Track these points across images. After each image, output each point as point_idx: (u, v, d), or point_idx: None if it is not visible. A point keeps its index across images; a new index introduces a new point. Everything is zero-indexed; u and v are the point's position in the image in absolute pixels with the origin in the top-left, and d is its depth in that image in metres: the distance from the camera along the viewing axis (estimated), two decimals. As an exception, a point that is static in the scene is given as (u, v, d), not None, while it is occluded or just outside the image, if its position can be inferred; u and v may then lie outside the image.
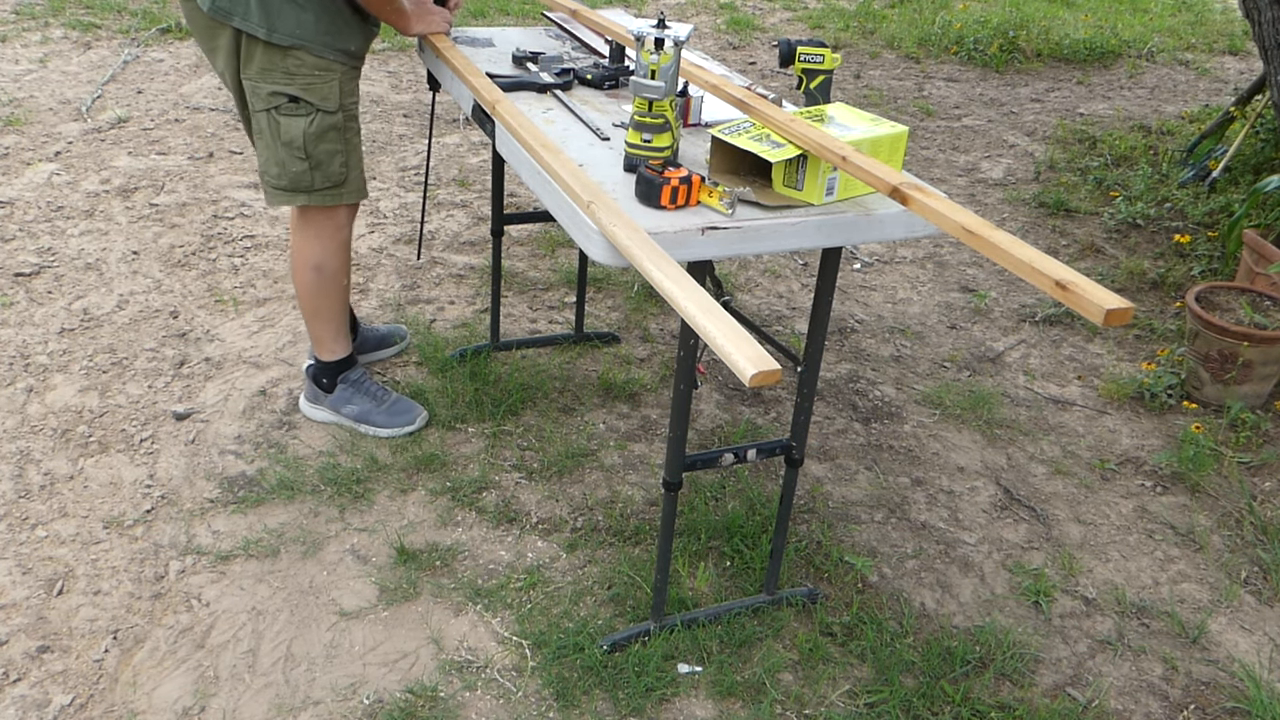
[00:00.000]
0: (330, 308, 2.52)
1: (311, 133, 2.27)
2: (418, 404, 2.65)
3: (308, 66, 2.23)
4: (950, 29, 6.74)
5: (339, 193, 2.37)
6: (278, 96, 2.24)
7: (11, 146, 4.17)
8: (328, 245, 2.44)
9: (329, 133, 2.29)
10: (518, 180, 4.14)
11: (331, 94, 2.27)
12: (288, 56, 2.20)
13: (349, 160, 2.36)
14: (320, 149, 2.30)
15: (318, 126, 2.28)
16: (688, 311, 1.32)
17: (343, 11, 2.23)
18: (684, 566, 2.26)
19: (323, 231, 2.43)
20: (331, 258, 2.45)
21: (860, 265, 3.78)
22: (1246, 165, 4.35)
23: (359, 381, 2.62)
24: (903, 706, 1.96)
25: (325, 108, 2.27)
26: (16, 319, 3.03)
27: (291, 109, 2.25)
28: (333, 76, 2.26)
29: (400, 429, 2.60)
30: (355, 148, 2.38)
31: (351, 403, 2.61)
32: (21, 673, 1.92)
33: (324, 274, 2.46)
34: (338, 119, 2.29)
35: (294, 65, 2.22)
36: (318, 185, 2.34)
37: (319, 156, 2.31)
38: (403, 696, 1.92)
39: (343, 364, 2.61)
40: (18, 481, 2.40)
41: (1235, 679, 2.09)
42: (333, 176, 2.34)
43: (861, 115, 1.84)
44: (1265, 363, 2.88)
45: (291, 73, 2.22)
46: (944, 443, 2.78)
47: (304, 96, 2.24)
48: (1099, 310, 1.23)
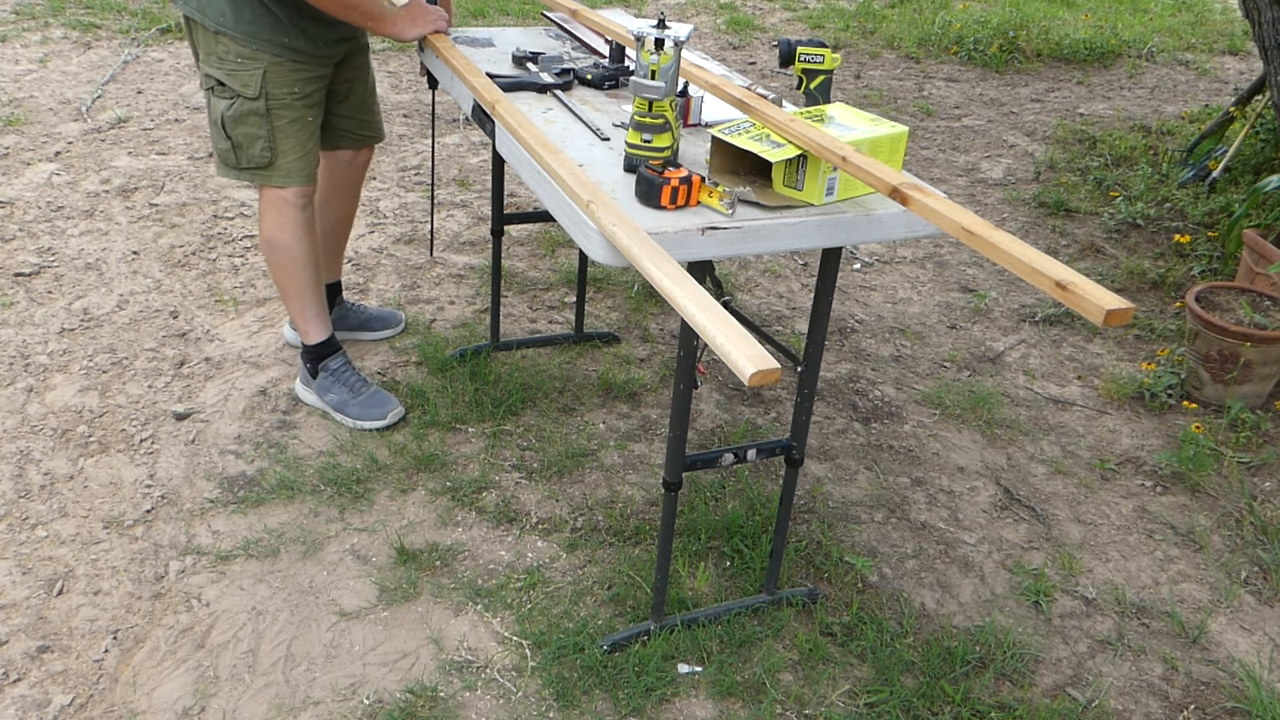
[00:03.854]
0: (293, 287, 2.56)
1: (230, 115, 2.33)
2: (394, 399, 2.66)
3: (232, 54, 2.29)
4: (950, 29, 6.74)
5: (266, 174, 2.42)
6: (209, 79, 2.33)
7: (11, 146, 4.17)
8: (276, 222, 2.47)
9: (249, 117, 2.34)
10: (518, 180, 4.14)
11: (252, 82, 2.30)
12: (217, 42, 2.28)
13: (275, 145, 2.38)
14: (239, 131, 2.35)
15: (235, 111, 2.33)
16: (688, 311, 1.32)
17: (264, 6, 2.26)
18: (684, 566, 2.26)
19: (270, 207, 2.48)
20: (282, 233, 2.48)
21: (860, 265, 3.78)
22: (1246, 165, 4.35)
23: (338, 371, 2.64)
24: (903, 706, 1.96)
25: (245, 94, 2.31)
26: (16, 319, 3.03)
27: (219, 91, 2.33)
28: (257, 66, 2.29)
29: (371, 422, 2.61)
30: (288, 135, 2.39)
31: (331, 391, 2.64)
32: (21, 673, 1.92)
33: (276, 250, 2.51)
34: (258, 105, 2.33)
35: (222, 51, 2.29)
36: (242, 164, 2.40)
37: (238, 139, 2.36)
38: (403, 696, 1.92)
39: (321, 349, 2.64)
40: (18, 481, 2.40)
41: (1235, 679, 2.09)
42: (254, 159, 2.39)
43: (861, 115, 1.84)
44: (1265, 363, 2.88)
45: (221, 57, 2.30)
46: (944, 443, 2.78)
47: (226, 81, 2.31)
48: (1099, 310, 1.23)
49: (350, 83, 2.62)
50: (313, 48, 2.36)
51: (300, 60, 2.35)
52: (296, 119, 2.40)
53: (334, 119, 2.63)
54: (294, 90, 2.36)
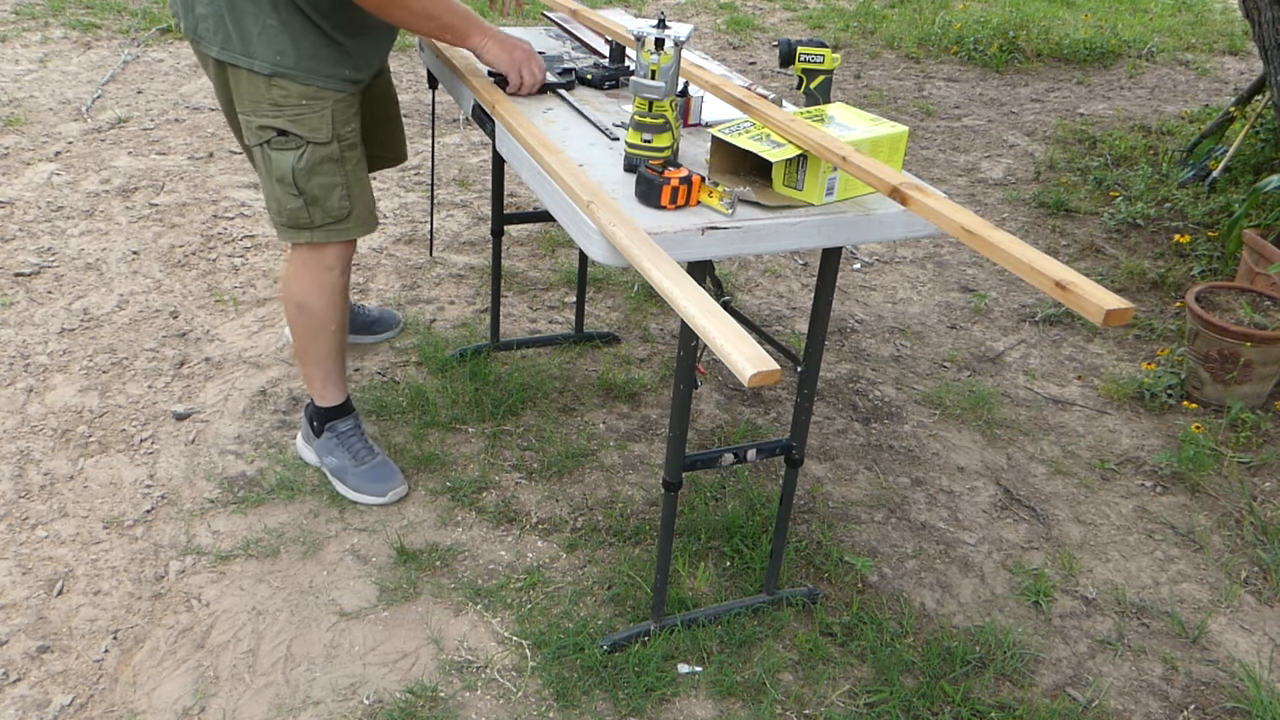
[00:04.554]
0: (318, 351, 2.35)
1: (302, 168, 2.09)
2: (399, 474, 2.41)
3: (294, 96, 2.04)
4: (950, 29, 6.74)
5: (344, 228, 2.20)
6: (267, 130, 2.07)
7: (11, 146, 4.17)
8: (312, 284, 2.26)
9: (323, 165, 2.11)
10: (518, 180, 4.14)
11: (323, 124, 2.08)
12: (272, 86, 2.03)
13: (351, 192, 2.17)
14: (314, 183, 2.12)
15: (308, 160, 2.09)
16: (687, 311, 1.32)
17: (327, 36, 2.04)
18: (684, 566, 2.26)
19: (308, 268, 2.25)
20: (315, 297, 2.26)
21: (860, 265, 3.78)
22: (1246, 165, 4.35)
23: (345, 435, 2.42)
24: (903, 706, 1.96)
25: (316, 139, 2.08)
26: (16, 319, 3.03)
27: (281, 143, 2.08)
28: (324, 105, 2.07)
29: (370, 497, 2.38)
30: (359, 177, 2.20)
31: (333, 455, 2.42)
32: (21, 673, 1.92)
33: (306, 314, 2.29)
34: (332, 149, 2.11)
35: (279, 95, 2.04)
36: (318, 222, 2.16)
37: (314, 191, 2.12)
38: (403, 696, 1.92)
39: (333, 411, 2.42)
40: (18, 481, 2.40)
41: (1235, 679, 2.09)
42: (333, 211, 2.16)
43: (861, 115, 1.84)
44: (1265, 363, 2.88)
45: (279, 103, 2.04)
46: (944, 443, 2.78)
47: (292, 129, 2.06)
48: (1099, 310, 1.23)
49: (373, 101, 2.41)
50: (366, 74, 2.16)
51: (355, 92, 2.15)
52: (362, 159, 2.20)
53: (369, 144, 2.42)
54: (353, 126, 2.16)
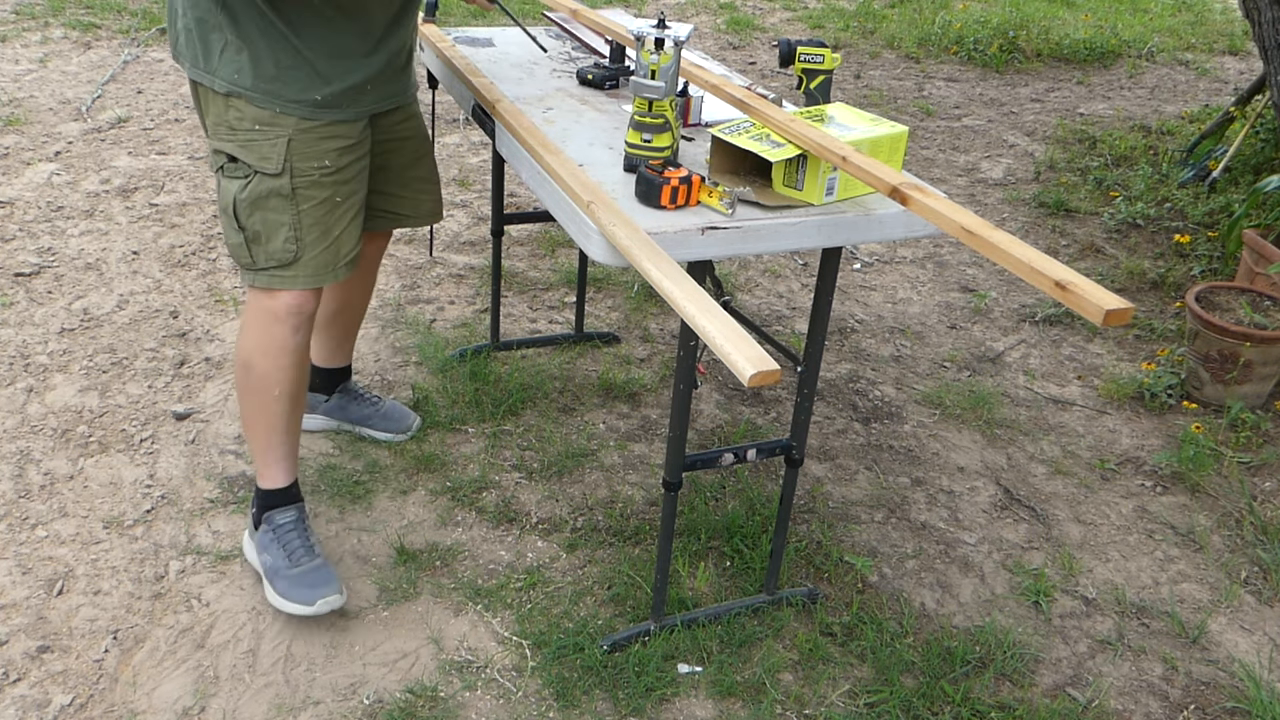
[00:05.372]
0: (261, 421, 2.04)
1: (244, 199, 1.84)
2: (336, 581, 2.04)
3: (247, 119, 1.82)
4: (950, 29, 6.74)
5: (287, 275, 1.91)
6: (219, 155, 1.86)
7: (11, 146, 4.17)
8: (259, 339, 1.97)
9: (269, 199, 1.85)
10: (518, 180, 4.14)
11: (274, 153, 1.83)
12: (229, 107, 1.82)
13: (301, 236, 1.88)
14: (256, 219, 1.86)
15: (253, 192, 1.84)
16: (687, 311, 1.32)
17: (297, 53, 1.80)
18: (684, 566, 2.26)
19: (256, 319, 1.97)
20: (261, 357, 1.97)
21: (860, 265, 3.78)
22: (1246, 165, 4.35)
23: (283, 529, 2.09)
24: (903, 706, 1.96)
25: (265, 169, 1.83)
26: (16, 319, 3.03)
27: (231, 169, 1.86)
28: (279, 132, 1.82)
29: (297, 606, 2.00)
30: (318, 221, 1.90)
31: (267, 551, 2.08)
32: (21, 673, 1.92)
33: (251, 375, 2.00)
34: (282, 183, 1.84)
35: (234, 118, 1.82)
36: (260, 263, 1.90)
37: (254, 228, 1.87)
38: (403, 696, 1.92)
39: (274, 496, 2.11)
40: (18, 481, 2.40)
41: (1235, 679, 2.09)
42: (276, 254, 1.88)
43: (861, 115, 1.84)
44: (1265, 363, 2.88)
45: (233, 126, 1.83)
46: (944, 443, 2.78)
47: (241, 155, 1.83)
48: (1098, 310, 1.23)
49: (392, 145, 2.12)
50: (346, 104, 1.88)
51: (334, 122, 1.88)
52: (326, 200, 1.91)
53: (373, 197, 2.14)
54: (324, 164, 1.88)
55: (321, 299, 2.17)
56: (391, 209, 2.24)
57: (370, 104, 1.95)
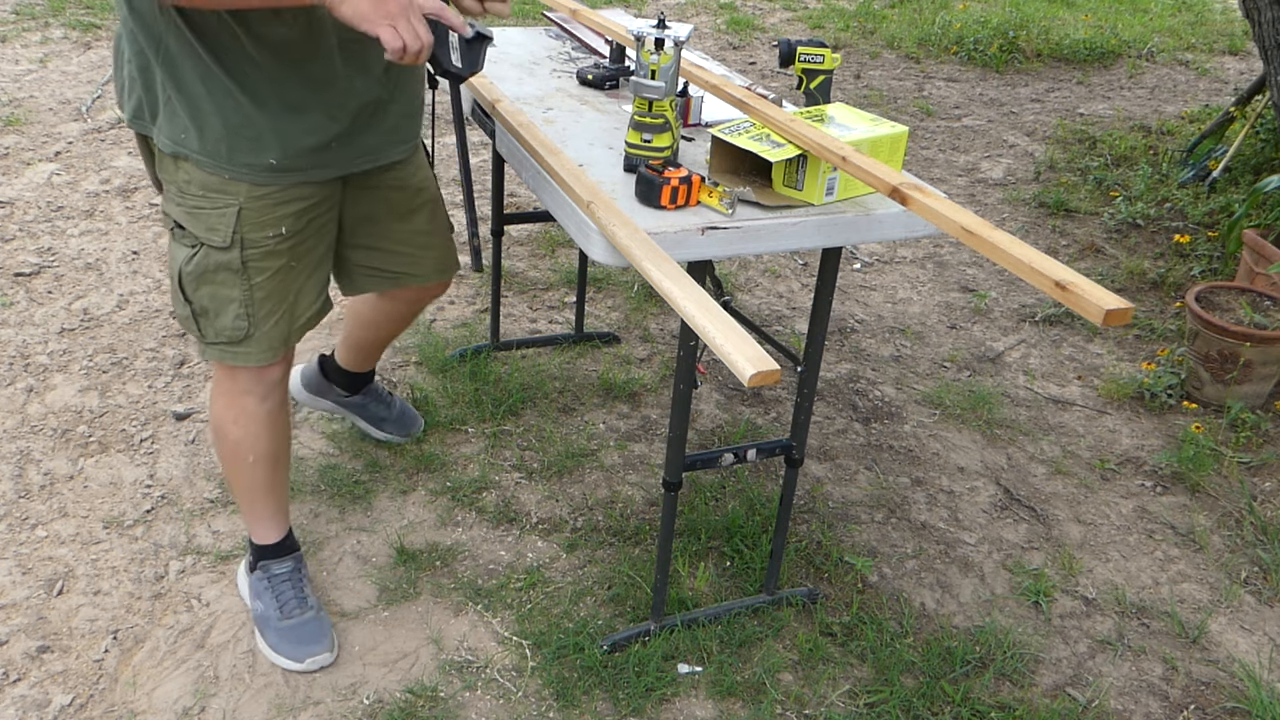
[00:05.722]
0: (240, 485, 1.96)
1: (190, 271, 1.68)
2: (329, 638, 1.98)
3: (195, 184, 1.63)
4: (950, 29, 6.74)
5: (238, 351, 1.76)
6: (168, 219, 1.69)
7: (11, 146, 4.17)
8: (227, 408, 1.86)
9: (217, 274, 1.68)
10: (518, 180, 4.14)
11: (221, 224, 1.64)
12: (178, 167, 1.63)
13: (252, 312, 1.72)
14: (203, 293, 1.70)
15: (199, 265, 1.67)
16: (687, 311, 1.32)
17: (247, 107, 1.57)
18: (684, 566, 2.26)
19: (221, 389, 1.86)
20: (232, 425, 1.87)
21: (860, 265, 3.78)
22: (1246, 165, 4.35)
23: (277, 579, 2.02)
24: (903, 706, 1.96)
25: (211, 241, 1.65)
26: (16, 319, 3.03)
27: (178, 236, 1.69)
28: (227, 201, 1.63)
29: (286, 661, 1.95)
30: (272, 295, 1.73)
31: (260, 599, 2.02)
32: (21, 673, 1.92)
33: (223, 442, 1.91)
34: (231, 258, 1.66)
35: (183, 179, 1.63)
36: (209, 338, 1.75)
37: (202, 302, 1.71)
38: (403, 696, 1.92)
39: (267, 550, 2.04)
40: (18, 481, 2.40)
41: (1235, 679, 2.09)
42: (225, 331, 1.73)
43: (861, 115, 1.84)
44: (1265, 363, 2.88)
45: (181, 189, 1.65)
46: (944, 443, 2.78)
47: (187, 224, 1.66)
48: (1098, 310, 1.23)
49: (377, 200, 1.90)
50: (304, 166, 1.67)
51: (290, 185, 1.67)
52: (281, 269, 1.72)
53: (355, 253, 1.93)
54: (280, 231, 1.69)
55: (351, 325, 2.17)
56: (383, 266, 1.99)
57: (337, 166, 1.74)
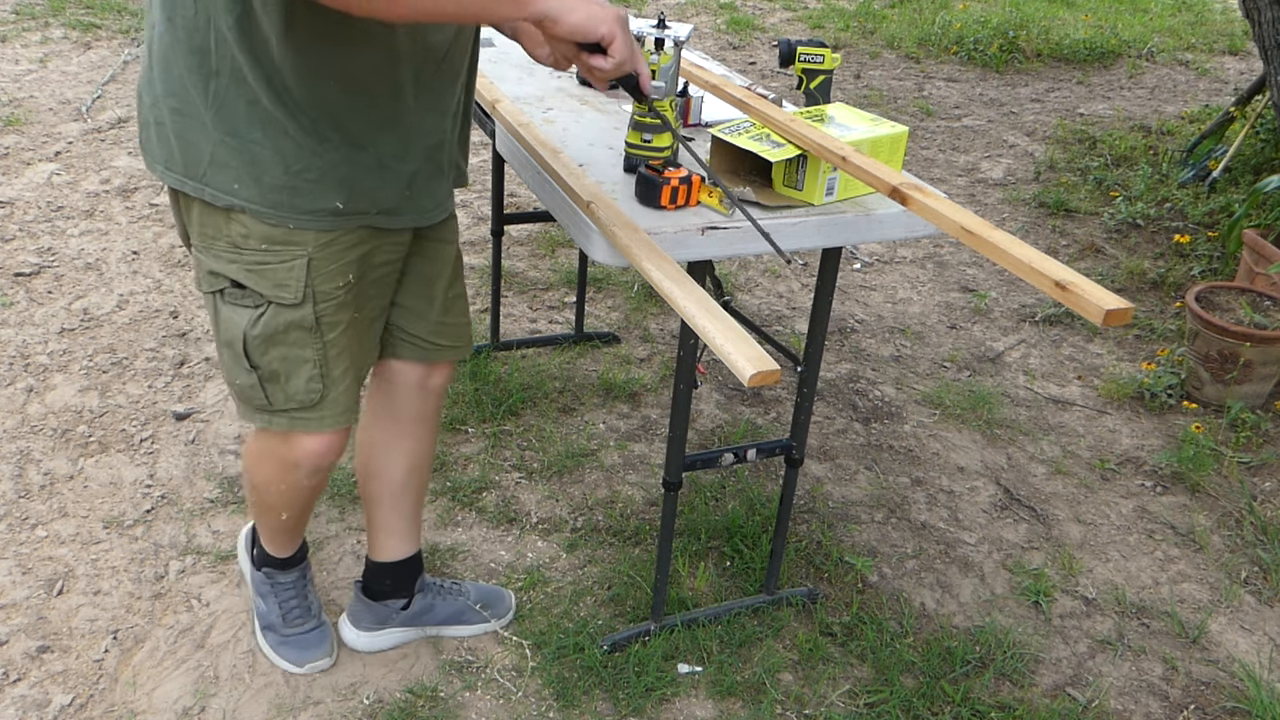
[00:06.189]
0: (266, 525, 1.88)
1: (256, 335, 1.48)
2: (329, 644, 1.94)
3: (255, 238, 1.42)
4: (950, 29, 6.74)
5: (312, 417, 1.57)
6: (218, 278, 1.47)
7: (11, 146, 4.17)
8: (272, 477, 1.70)
9: (289, 333, 1.49)
10: (518, 180, 4.14)
11: (291, 279, 1.45)
12: (229, 222, 1.42)
13: (327, 372, 1.54)
14: (272, 356, 1.51)
15: (267, 325, 1.48)
16: (687, 311, 1.32)
17: (312, 147, 1.38)
18: (684, 566, 2.26)
19: (270, 459, 1.68)
20: (275, 493, 1.72)
21: (860, 265, 3.78)
22: (1246, 165, 4.35)
23: (282, 588, 1.94)
24: (903, 706, 1.96)
25: (281, 298, 1.46)
26: (16, 319, 3.03)
27: (235, 297, 1.48)
28: (295, 252, 1.44)
29: (286, 663, 1.93)
30: (345, 351, 1.55)
31: (263, 599, 1.96)
32: (21, 673, 1.93)
33: (261, 496, 1.77)
34: (304, 314, 1.48)
35: (237, 234, 1.43)
36: (278, 405, 1.56)
37: (271, 366, 1.52)
38: (403, 696, 1.92)
39: (276, 560, 1.94)
40: (18, 481, 2.40)
41: (1235, 679, 2.09)
42: (298, 395, 1.54)
43: (861, 115, 1.84)
44: (1265, 363, 2.88)
45: (237, 245, 1.44)
46: (944, 443, 2.78)
47: (249, 282, 1.45)
48: (1098, 310, 1.23)
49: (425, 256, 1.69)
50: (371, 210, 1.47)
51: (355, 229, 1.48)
52: (350, 323, 1.54)
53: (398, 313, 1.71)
54: (349, 278, 1.50)
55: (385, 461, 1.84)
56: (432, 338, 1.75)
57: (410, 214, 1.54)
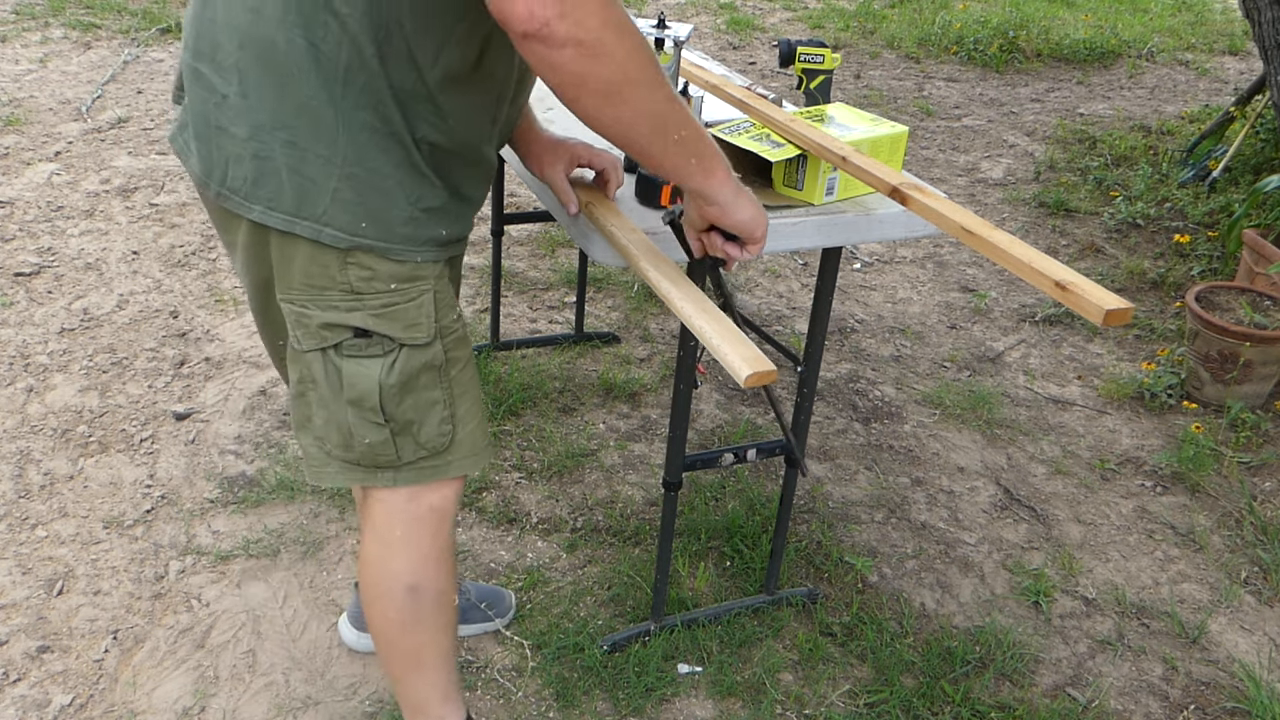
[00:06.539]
0: (432, 654, 1.58)
1: (393, 384, 1.36)
2: None
3: (381, 277, 1.31)
4: (950, 29, 6.74)
5: (440, 464, 1.45)
6: (337, 330, 1.33)
7: (11, 146, 4.17)
8: (424, 551, 1.50)
9: (420, 376, 1.38)
10: (518, 180, 4.14)
11: (422, 317, 1.35)
12: (348, 264, 1.29)
13: (455, 411, 1.44)
14: (407, 405, 1.39)
15: (402, 371, 1.36)
16: (684, 312, 1.32)
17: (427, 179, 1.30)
18: (684, 566, 2.26)
19: (417, 525, 1.49)
20: (432, 569, 1.51)
21: (860, 265, 3.78)
22: (1246, 165, 4.35)
23: None
24: (903, 706, 1.96)
25: (414, 339, 1.36)
26: (16, 319, 3.03)
27: (358, 348, 1.35)
28: (422, 288, 1.34)
29: None
30: (467, 388, 1.46)
31: None
32: (21, 673, 1.93)
33: (421, 598, 1.52)
34: (434, 353, 1.38)
35: (359, 277, 1.30)
36: (407, 457, 1.42)
37: (405, 416, 1.39)
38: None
39: None
40: (18, 481, 2.40)
41: (1235, 679, 2.09)
42: (429, 441, 1.43)
43: (861, 115, 1.84)
44: (1265, 363, 2.88)
45: (357, 290, 1.31)
46: (944, 443, 2.78)
47: (378, 328, 1.33)
48: (1098, 310, 1.23)
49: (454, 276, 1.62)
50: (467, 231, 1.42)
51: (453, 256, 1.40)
52: (468, 356, 1.46)
53: None
54: (459, 310, 1.44)
55: None
56: None
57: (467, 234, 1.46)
